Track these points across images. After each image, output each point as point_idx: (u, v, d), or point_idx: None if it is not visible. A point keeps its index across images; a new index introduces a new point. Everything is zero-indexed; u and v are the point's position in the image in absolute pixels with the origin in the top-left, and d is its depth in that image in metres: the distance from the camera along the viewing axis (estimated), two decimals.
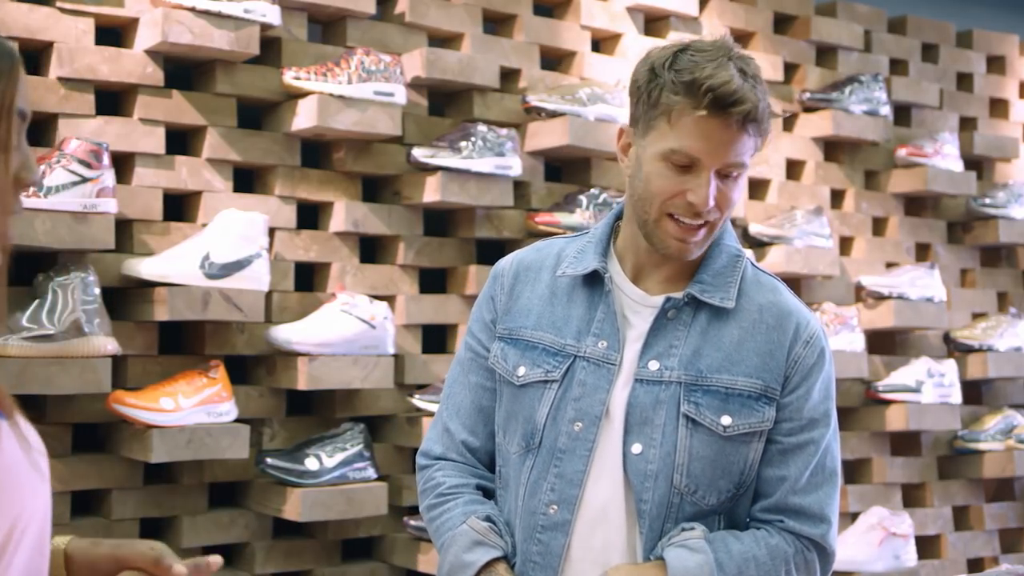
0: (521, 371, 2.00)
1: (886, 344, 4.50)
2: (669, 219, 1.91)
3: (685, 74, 1.85)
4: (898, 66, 4.78)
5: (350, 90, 3.25)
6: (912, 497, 4.43)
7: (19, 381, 2.69)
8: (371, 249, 3.54)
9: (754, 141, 1.90)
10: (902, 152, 4.52)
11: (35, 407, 2.91)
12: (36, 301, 2.78)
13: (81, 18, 3.05)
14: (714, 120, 1.85)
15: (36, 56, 3.06)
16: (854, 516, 4.13)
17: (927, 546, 4.40)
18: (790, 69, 4.46)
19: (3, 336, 2.69)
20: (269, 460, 3.07)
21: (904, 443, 4.42)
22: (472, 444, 2.09)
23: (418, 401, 3.32)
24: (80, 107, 3.02)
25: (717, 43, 1.90)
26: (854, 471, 4.27)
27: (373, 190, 3.55)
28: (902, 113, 4.75)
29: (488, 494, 2.08)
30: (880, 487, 4.29)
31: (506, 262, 2.13)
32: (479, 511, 2.01)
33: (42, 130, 3.06)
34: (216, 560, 1.49)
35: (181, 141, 3.24)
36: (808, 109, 4.41)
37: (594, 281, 2.01)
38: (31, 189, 2.76)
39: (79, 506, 3.01)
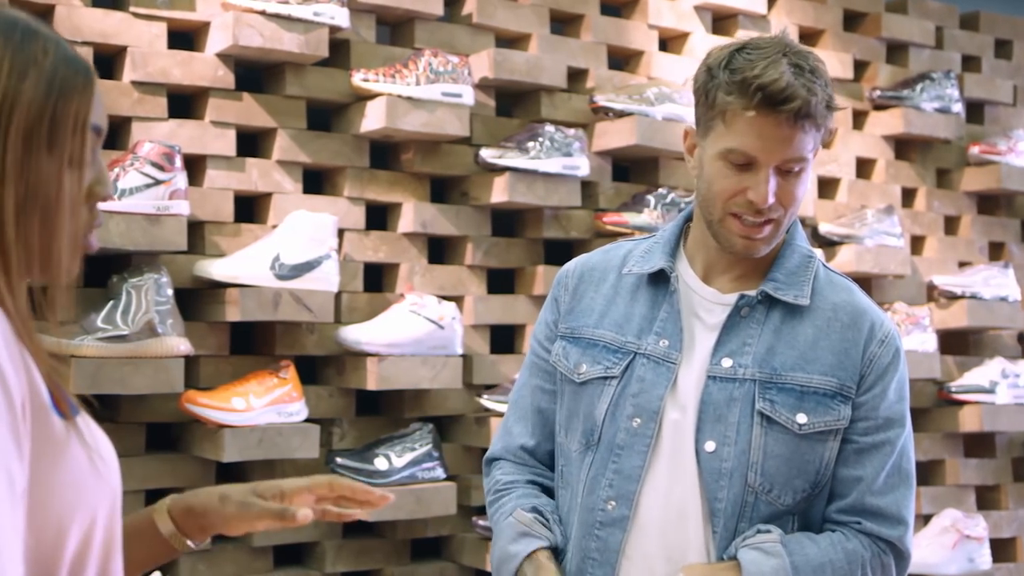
0: (583, 368, 2.01)
1: (959, 344, 4.44)
2: (733, 218, 1.91)
3: (737, 74, 1.85)
4: (970, 63, 4.71)
5: (418, 91, 3.26)
6: (986, 499, 4.37)
7: (94, 381, 2.73)
8: (439, 249, 3.55)
9: (813, 136, 1.88)
10: (975, 150, 4.46)
11: (109, 407, 2.95)
12: (110, 302, 2.81)
13: (154, 23, 3.09)
14: (766, 118, 1.84)
15: (110, 60, 3.11)
16: (927, 518, 4.08)
17: (1002, 549, 4.33)
18: (860, 67, 4.42)
19: (79, 337, 2.73)
20: (339, 460, 3.09)
21: (978, 444, 4.36)
22: (529, 445, 2.12)
23: (486, 401, 3.33)
24: (153, 110, 3.06)
25: (773, 40, 1.90)
26: (927, 473, 4.21)
27: (441, 191, 3.56)
28: (975, 110, 4.69)
29: (545, 491, 2.10)
30: (953, 489, 4.23)
31: (571, 265, 2.15)
32: (526, 503, 2.03)
33: (116, 133, 3.10)
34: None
35: (251, 143, 3.27)
36: (879, 107, 4.36)
37: (659, 280, 2.01)
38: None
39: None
